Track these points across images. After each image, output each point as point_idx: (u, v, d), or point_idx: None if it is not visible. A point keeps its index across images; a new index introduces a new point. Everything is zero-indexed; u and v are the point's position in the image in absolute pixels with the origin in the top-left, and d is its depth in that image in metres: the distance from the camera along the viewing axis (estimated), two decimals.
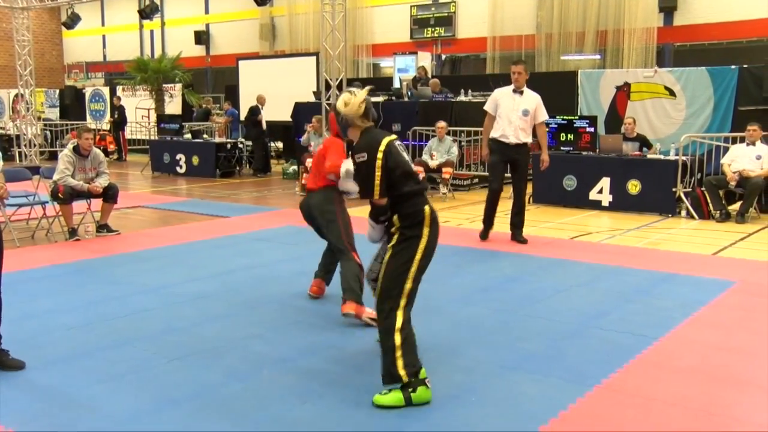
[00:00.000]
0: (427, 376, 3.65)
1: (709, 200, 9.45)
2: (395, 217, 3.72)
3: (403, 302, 3.65)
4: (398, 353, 3.61)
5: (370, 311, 4.71)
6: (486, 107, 7.80)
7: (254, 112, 15.38)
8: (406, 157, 3.84)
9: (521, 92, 7.56)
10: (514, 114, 7.50)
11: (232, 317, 5.08)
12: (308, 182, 5.35)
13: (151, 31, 27.40)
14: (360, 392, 3.73)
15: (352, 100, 3.88)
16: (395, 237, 3.71)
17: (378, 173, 3.67)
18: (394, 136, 3.86)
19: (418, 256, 3.66)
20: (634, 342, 4.50)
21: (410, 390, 3.60)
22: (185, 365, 4.13)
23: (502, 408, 3.57)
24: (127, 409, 3.53)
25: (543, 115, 7.67)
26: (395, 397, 3.60)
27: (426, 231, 3.68)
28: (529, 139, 7.65)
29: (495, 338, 4.61)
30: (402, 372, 3.58)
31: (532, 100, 7.57)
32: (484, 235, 7.96)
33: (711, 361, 4.22)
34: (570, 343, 4.52)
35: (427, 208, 3.72)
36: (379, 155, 3.68)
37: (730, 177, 9.22)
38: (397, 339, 3.61)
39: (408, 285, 3.65)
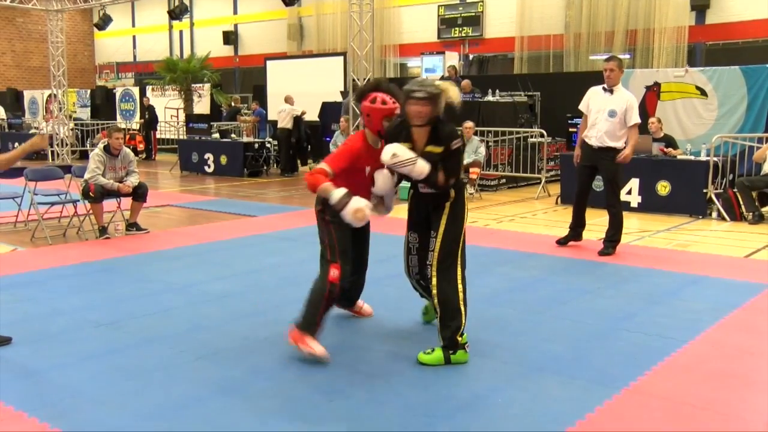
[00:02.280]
0: (467, 341, 4.15)
1: (741, 202, 9.29)
2: (453, 192, 4.17)
3: (460, 269, 4.18)
4: (463, 321, 4.10)
5: (311, 344, 4.14)
6: (580, 106, 7.35)
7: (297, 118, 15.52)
8: None
9: (611, 91, 7.01)
10: (601, 114, 6.99)
11: (258, 316, 5.11)
12: None
13: (180, 32, 27.70)
14: (387, 391, 3.73)
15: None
16: (448, 209, 4.17)
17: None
18: None
19: (464, 224, 4.25)
20: (663, 345, 4.44)
21: (450, 352, 4.09)
22: (212, 363, 4.16)
23: (528, 409, 3.54)
24: (154, 405, 3.57)
25: (633, 118, 6.93)
26: (437, 356, 4.10)
27: (465, 205, 4.30)
28: (616, 144, 6.99)
29: (521, 339, 4.58)
30: (461, 339, 4.10)
31: (621, 100, 6.95)
32: (562, 240, 7.47)
33: (741, 365, 4.15)
34: (597, 345, 4.47)
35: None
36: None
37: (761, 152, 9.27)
38: (463, 308, 4.12)
39: (461, 246, 4.21)
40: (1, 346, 4.41)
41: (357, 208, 3.98)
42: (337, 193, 3.98)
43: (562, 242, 7.50)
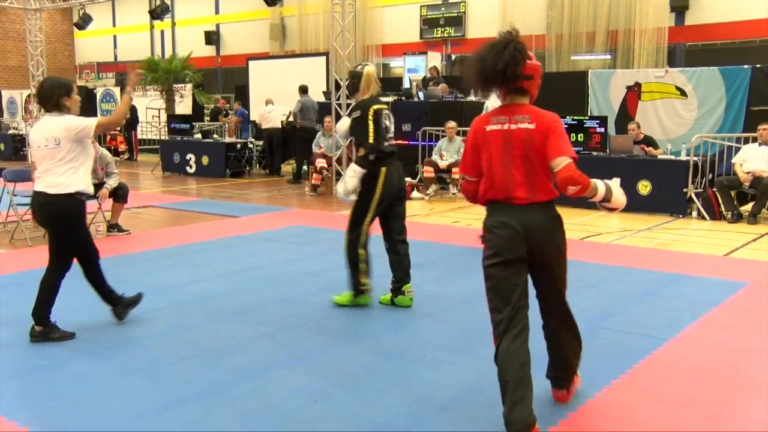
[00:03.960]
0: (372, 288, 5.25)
1: (720, 201, 9.39)
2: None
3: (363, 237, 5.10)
4: (363, 267, 5.14)
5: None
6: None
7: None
8: (388, 124, 5.15)
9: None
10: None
11: (241, 317, 5.09)
12: (519, 189, 3.20)
13: (162, 32, 27.51)
14: (370, 391, 3.73)
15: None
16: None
17: (370, 123, 4.98)
18: (383, 106, 5.14)
19: (376, 197, 5.04)
20: (644, 343, 4.48)
21: (355, 295, 5.22)
22: (194, 364, 4.14)
23: None
24: (136, 408, 3.54)
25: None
26: (347, 298, 5.24)
27: (380, 181, 5.03)
28: None
29: None
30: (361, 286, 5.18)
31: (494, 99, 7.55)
32: None
33: (721, 363, 4.19)
34: None
35: (383, 168, 5.03)
36: (370, 112, 5.01)
37: (742, 177, 9.16)
38: (362, 255, 5.13)
39: (369, 216, 5.09)
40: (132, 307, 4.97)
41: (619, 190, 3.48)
42: (601, 183, 3.43)
43: None
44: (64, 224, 4.58)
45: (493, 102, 7.55)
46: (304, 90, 14.71)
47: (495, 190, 3.22)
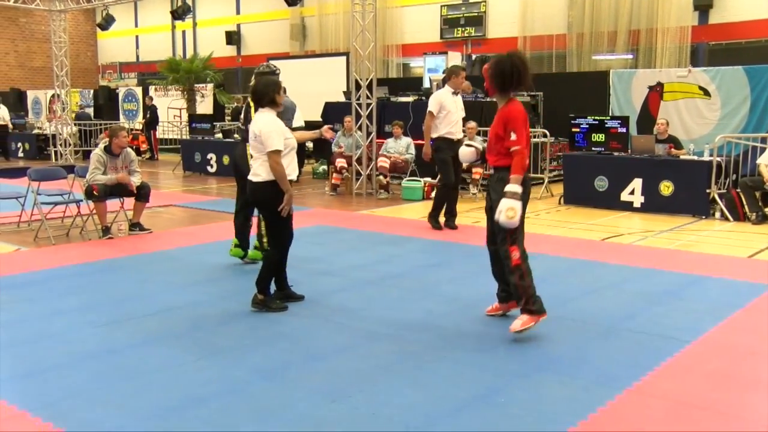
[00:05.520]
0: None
1: (744, 202, 9.27)
2: None
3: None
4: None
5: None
6: (432, 108, 8.34)
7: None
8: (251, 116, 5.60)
9: (457, 93, 8.44)
10: (459, 113, 8.43)
11: (259, 316, 5.11)
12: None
13: (183, 32, 27.69)
14: (387, 390, 3.73)
15: None
16: None
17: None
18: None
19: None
20: (665, 345, 4.43)
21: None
22: (212, 363, 4.16)
23: (530, 410, 3.53)
24: (154, 406, 3.57)
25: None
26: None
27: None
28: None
29: (523, 339, 4.57)
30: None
31: (461, 100, 8.58)
32: (452, 225, 8.55)
33: (743, 366, 4.14)
34: (599, 345, 4.46)
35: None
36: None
37: (767, 178, 9.03)
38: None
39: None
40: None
41: None
42: None
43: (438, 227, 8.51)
44: (266, 207, 5.21)
45: (444, 93, 8.43)
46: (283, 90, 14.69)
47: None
